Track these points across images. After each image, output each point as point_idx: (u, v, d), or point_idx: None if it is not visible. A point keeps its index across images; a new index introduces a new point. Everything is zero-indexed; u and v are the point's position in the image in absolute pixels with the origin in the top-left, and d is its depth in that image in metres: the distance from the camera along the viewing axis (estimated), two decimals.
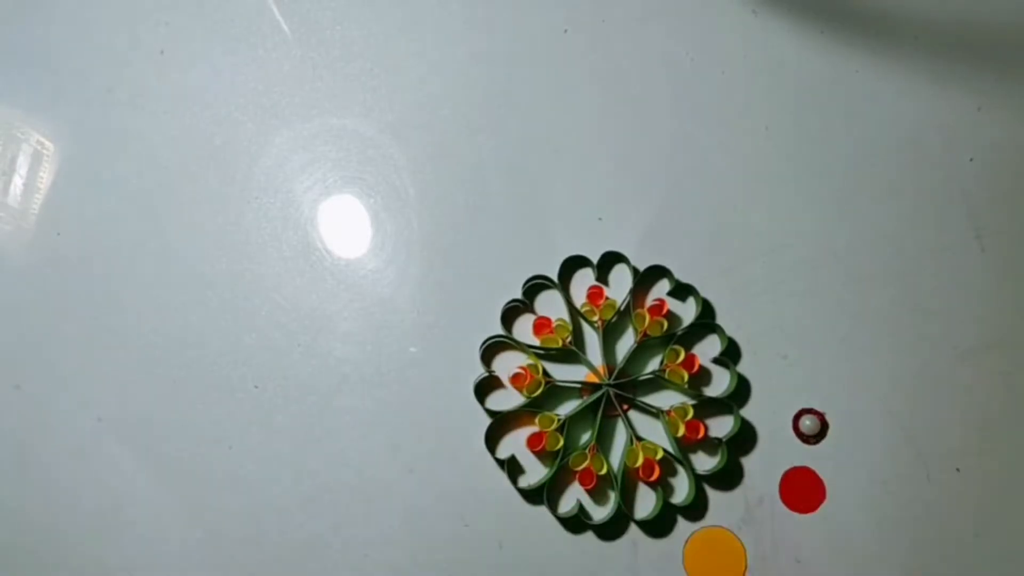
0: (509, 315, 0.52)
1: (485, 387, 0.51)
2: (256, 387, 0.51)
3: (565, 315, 0.51)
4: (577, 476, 0.49)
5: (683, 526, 0.50)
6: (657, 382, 0.51)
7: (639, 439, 0.49)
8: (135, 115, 0.54)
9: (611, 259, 0.52)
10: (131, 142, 0.54)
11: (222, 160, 0.54)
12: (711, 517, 0.50)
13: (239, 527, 0.50)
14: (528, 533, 0.50)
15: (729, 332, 0.52)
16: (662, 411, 0.50)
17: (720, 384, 0.51)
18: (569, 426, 0.49)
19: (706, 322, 0.51)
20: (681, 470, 0.50)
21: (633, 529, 0.49)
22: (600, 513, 0.49)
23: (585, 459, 0.49)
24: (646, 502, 0.50)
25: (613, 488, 0.49)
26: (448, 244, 0.53)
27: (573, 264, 0.52)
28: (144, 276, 0.52)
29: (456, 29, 0.55)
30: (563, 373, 0.51)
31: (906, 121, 0.55)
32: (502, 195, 0.54)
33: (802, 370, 0.52)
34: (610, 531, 0.49)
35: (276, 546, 0.49)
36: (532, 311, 0.52)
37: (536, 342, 0.51)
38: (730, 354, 0.51)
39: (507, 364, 0.51)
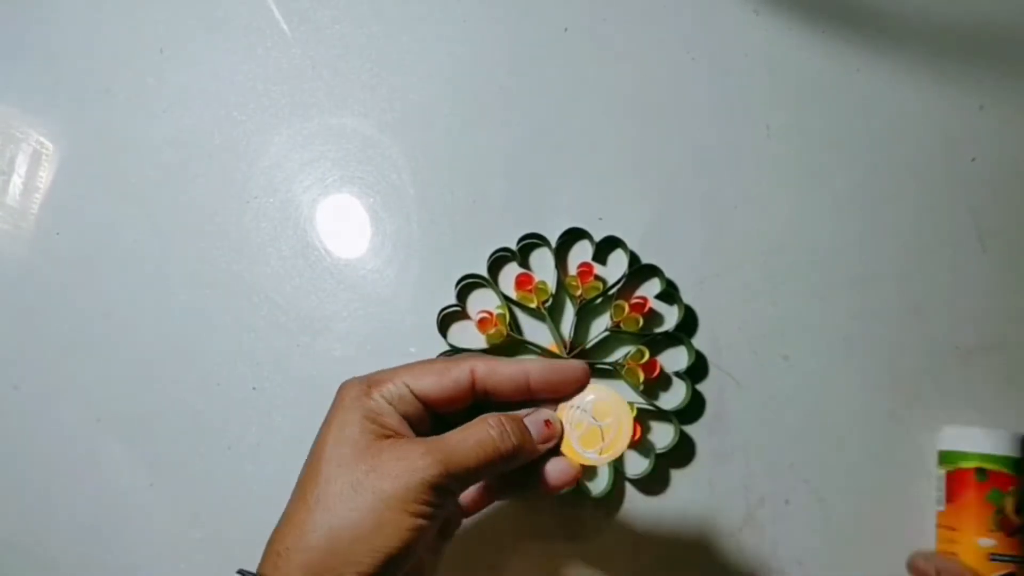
0: (497, 263, 0.52)
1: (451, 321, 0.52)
2: (254, 388, 0.51)
3: (551, 280, 0.51)
4: None
5: (675, 476, 0.50)
6: (613, 373, 0.51)
7: None
8: (134, 115, 0.54)
9: (612, 244, 0.52)
10: (131, 142, 0.54)
11: (222, 160, 0.54)
12: (711, 520, 0.50)
13: (239, 527, 0.50)
14: (524, 534, 0.50)
15: (729, 333, 0.52)
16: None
17: (675, 398, 0.51)
18: None
19: (677, 334, 0.51)
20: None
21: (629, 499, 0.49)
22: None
23: None
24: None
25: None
26: (448, 244, 0.53)
27: (574, 237, 0.52)
28: (143, 276, 0.52)
29: (456, 29, 0.55)
30: (528, 335, 0.51)
31: (907, 121, 0.55)
32: (502, 195, 0.53)
33: (803, 370, 0.52)
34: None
35: None
36: (519, 264, 0.52)
37: (514, 295, 0.51)
38: (693, 372, 0.51)
39: (479, 307, 0.52)
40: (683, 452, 0.50)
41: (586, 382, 0.38)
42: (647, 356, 0.50)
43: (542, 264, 0.52)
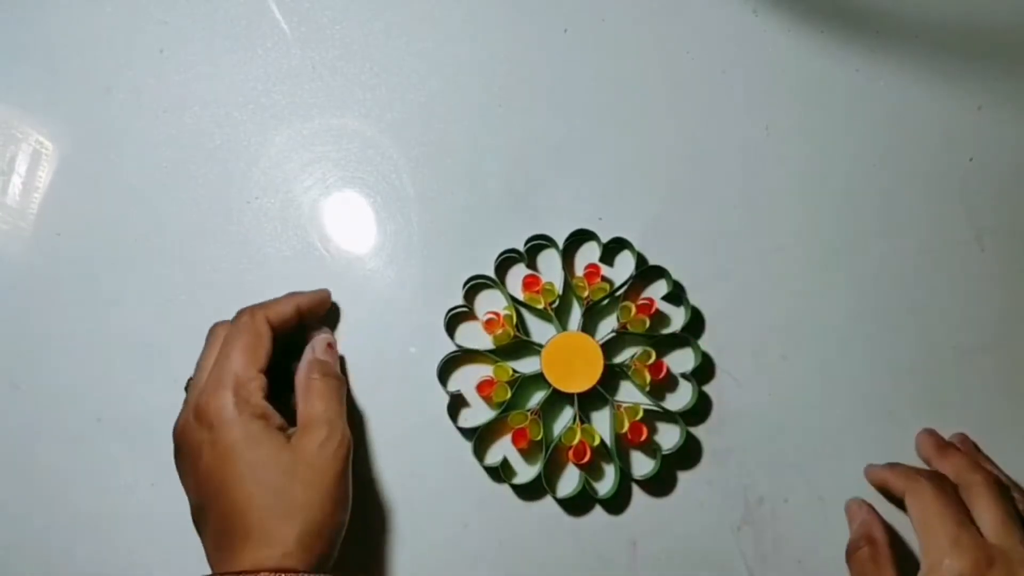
0: (504, 264, 0.52)
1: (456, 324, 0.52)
2: None
3: (558, 281, 0.51)
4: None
5: (680, 476, 0.50)
6: (619, 375, 0.51)
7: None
8: (135, 115, 0.54)
9: (619, 246, 0.52)
10: (131, 142, 0.54)
11: (222, 160, 0.54)
12: (710, 519, 0.50)
13: None
14: (528, 533, 0.50)
15: (729, 333, 0.52)
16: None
17: (682, 398, 0.51)
18: (522, 385, 0.50)
19: (684, 335, 0.51)
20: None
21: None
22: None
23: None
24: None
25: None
26: (448, 244, 0.53)
27: (581, 238, 0.52)
28: (144, 276, 0.52)
29: (456, 29, 0.55)
30: (535, 336, 0.52)
31: (906, 121, 0.55)
32: (502, 195, 0.54)
33: (803, 370, 0.52)
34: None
35: None
36: (527, 266, 0.52)
37: (521, 297, 0.51)
38: (699, 373, 0.51)
39: (486, 307, 0.52)
40: (689, 453, 0.51)
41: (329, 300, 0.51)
42: (654, 357, 0.50)
43: (549, 265, 0.52)
